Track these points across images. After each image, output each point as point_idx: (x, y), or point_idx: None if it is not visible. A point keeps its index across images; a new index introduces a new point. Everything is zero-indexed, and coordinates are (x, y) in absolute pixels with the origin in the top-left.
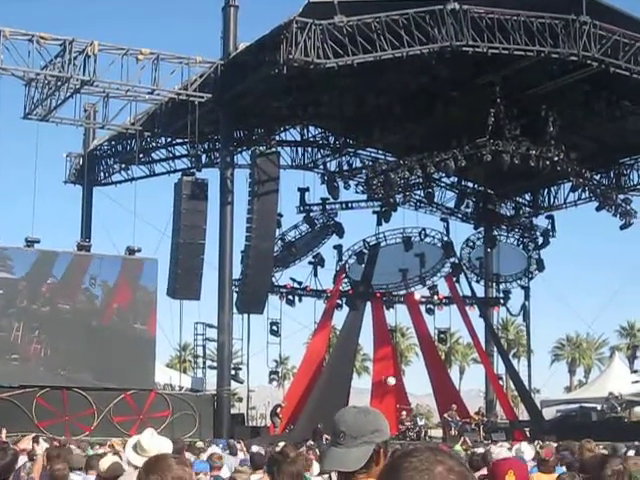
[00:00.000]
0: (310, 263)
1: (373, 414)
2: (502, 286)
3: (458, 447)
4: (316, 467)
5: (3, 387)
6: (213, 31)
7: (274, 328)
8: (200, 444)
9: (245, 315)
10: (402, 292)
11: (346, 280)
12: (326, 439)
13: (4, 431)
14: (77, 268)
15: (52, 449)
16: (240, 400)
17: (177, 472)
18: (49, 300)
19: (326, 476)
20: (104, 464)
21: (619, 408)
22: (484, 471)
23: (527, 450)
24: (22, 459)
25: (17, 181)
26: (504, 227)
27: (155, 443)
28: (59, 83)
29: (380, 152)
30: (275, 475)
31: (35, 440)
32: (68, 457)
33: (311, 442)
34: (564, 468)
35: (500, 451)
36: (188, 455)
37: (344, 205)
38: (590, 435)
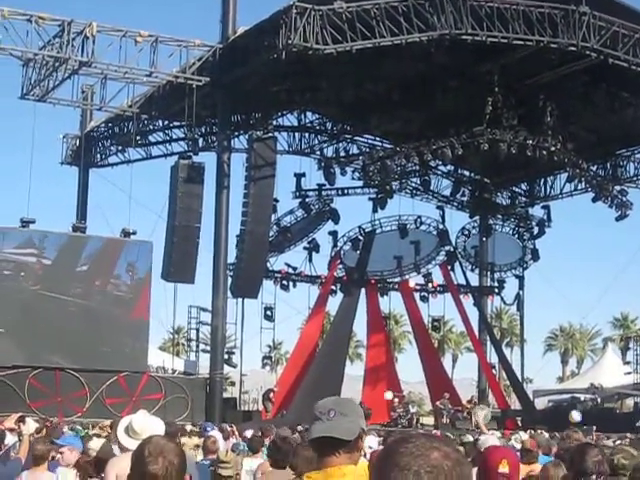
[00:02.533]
0: (305, 249)
1: (355, 402)
2: (496, 275)
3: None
4: None
5: None
6: (212, 15)
7: (268, 313)
8: (190, 427)
9: (239, 299)
10: (396, 279)
11: (341, 266)
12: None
13: None
14: (72, 250)
15: (46, 430)
16: (233, 384)
17: (176, 454)
18: (42, 280)
19: None
20: (93, 446)
21: (599, 399)
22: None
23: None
24: (13, 439)
25: (13, 161)
26: (500, 216)
27: (148, 425)
28: (57, 64)
29: (377, 139)
30: (290, 459)
31: (21, 420)
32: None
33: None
34: (551, 458)
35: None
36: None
37: (340, 191)
38: (581, 426)
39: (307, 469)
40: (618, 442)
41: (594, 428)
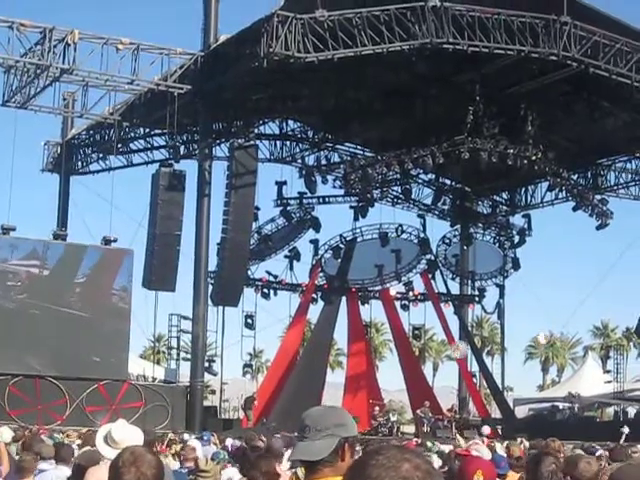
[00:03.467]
0: (286, 257)
1: (339, 409)
2: (477, 284)
3: (430, 443)
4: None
5: None
6: (194, 23)
7: (249, 321)
8: (172, 435)
9: (220, 307)
10: (377, 288)
11: (322, 274)
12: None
13: None
14: (71, 260)
15: (24, 438)
16: (213, 392)
17: (151, 465)
18: (27, 289)
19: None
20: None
21: (576, 407)
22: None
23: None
24: None
25: None
26: (480, 225)
27: (127, 434)
28: (38, 71)
29: (359, 147)
30: (248, 470)
31: None
32: (38, 446)
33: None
34: None
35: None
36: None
37: (321, 199)
38: (561, 434)
39: None
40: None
41: None
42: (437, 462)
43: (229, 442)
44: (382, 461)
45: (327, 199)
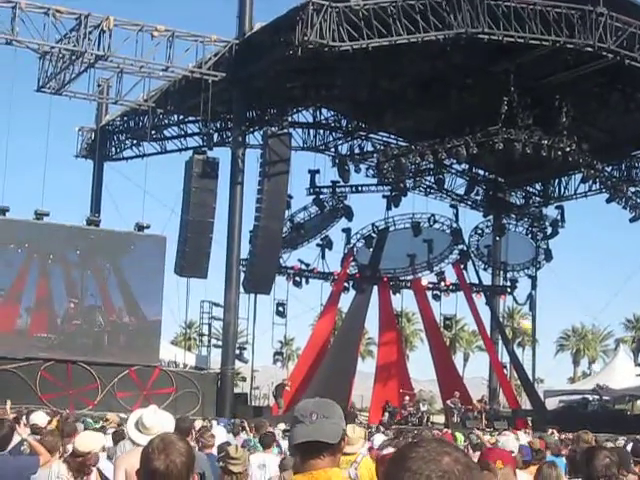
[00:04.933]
0: (318, 245)
1: (336, 405)
2: (509, 275)
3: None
4: None
5: (7, 359)
6: (229, 10)
7: (280, 309)
8: (199, 422)
9: (252, 295)
10: (409, 277)
11: (354, 263)
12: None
13: (9, 402)
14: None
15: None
16: (244, 380)
17: (181, 453)
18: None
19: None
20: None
21: (603, 399)
22: None
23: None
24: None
25: (28, 153)
26: (513, 216)
27: (158, 421)
28: (73, 57)
29: (392, 136)
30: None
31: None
32: (69, 431)
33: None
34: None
35: (507, 440)
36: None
37: (354, 188)
38: (591, 427)
39: None
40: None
41: None
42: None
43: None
44: (422, 454)
45: (360, 188)
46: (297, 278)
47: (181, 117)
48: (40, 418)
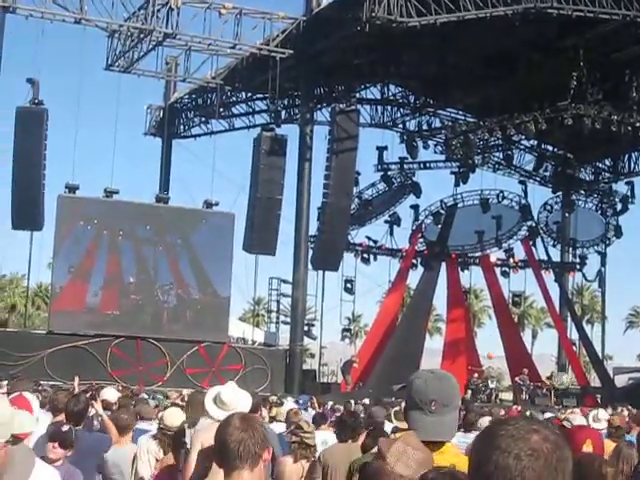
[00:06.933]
0: (386, 222)
1: (452, 378)
2: (579, 251)
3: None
4: None
5: (79, 335)
6: None
7: (348, 286)
8: (273, 398)
9: (320, 272)
10: (477, 254)
11: (422, 240)
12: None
13: (77, 379)
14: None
15: (123, 398)
16: (312, 356)
17: (256, 429)
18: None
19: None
20: (170, 417)
21: None
22: None
23: (603, 417)
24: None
25: (98, 132)
26: (583, 192)
27: (235, 397)
28: (141, 35)
29: (460, 113)
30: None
31: (92, 397)
32: (139, 407)
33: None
34: (631, 437)
35: (574, 417)
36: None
37: (422, 165)
38: None
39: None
40: None
41: None
42: None
43: (329, 406)
44: (512, 432)
45: (428, 164)
46: (365, 255)
47: (249, 94)
48: (111, 394)
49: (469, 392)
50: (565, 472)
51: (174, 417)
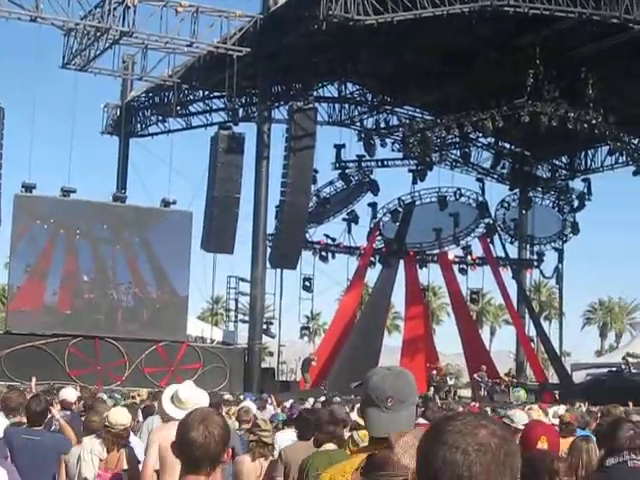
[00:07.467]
0: (344, 220)
1: (409, 375)
2: (536, 248)
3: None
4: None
5: (36, 335)
6: None
7: (307, 284)
8: (229, 396)
9: (278, 270)
10: (435, 251)
11: (380, 238)
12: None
13: (34, 379)
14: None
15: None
16: (271, 354)
17: (219, 425)
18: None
19: None
20: (114, 415)
21: (632, 369)
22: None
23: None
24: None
25: (54, 131)
26: (540, 189)
27: (193, 395)
28: (98, 34)
29: (417, 110)
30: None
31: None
32: (102, 407)
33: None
34: (587, 432)
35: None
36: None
37: (380, 163)
38: (618, 400)
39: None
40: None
41: None
42: None
43: (287, 404)
44: (459, 427)
45: (386, 162)
46: (323, 253)
47: (206, 93)
48: (70, 394)
49: (431, 389)
50: (513, 466)
51: (118, 415)
